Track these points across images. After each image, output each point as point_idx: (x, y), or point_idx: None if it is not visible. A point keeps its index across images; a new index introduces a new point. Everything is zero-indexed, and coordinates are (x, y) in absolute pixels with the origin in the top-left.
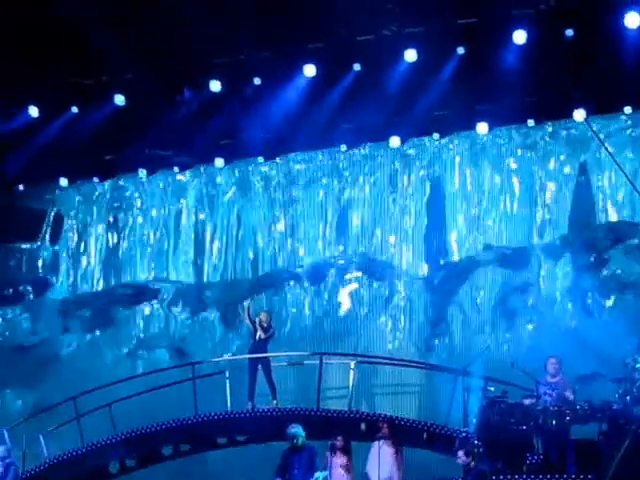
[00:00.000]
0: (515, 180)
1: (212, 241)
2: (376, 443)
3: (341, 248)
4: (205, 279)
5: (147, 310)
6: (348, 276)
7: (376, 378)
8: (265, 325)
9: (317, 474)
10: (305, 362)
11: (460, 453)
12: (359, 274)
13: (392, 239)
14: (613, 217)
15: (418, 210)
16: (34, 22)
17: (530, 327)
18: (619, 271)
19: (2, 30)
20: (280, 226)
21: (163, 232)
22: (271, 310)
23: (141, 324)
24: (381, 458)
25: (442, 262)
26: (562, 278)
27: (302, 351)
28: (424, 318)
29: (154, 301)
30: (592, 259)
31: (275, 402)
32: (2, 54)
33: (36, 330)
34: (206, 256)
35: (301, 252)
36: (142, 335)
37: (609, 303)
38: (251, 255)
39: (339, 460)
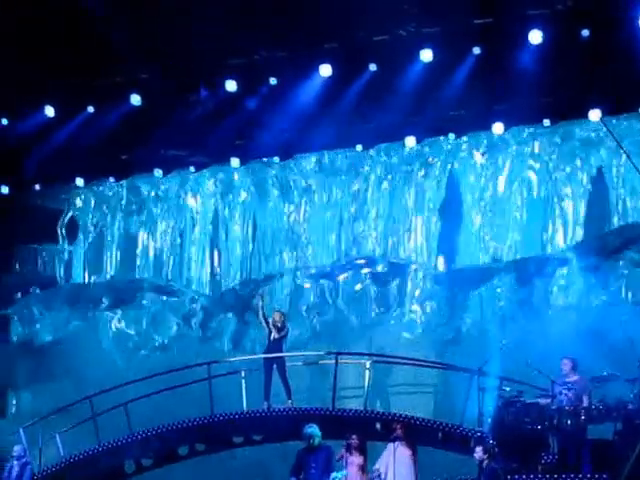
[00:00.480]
0: (531, 179)
1: (227, 240)
2: (390, 445)
3: (355, 249)
4: (220, 278)
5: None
6: (363, 271)
7: (390, 377)
8: (279, 325)
9: (334, 474)
10: (320, 362)
11: (478, 449)
12: (370, 270)
13: (407, 238)
14: (629, 218)
15: (433, 210)
16: (50, 22)
17: (546, 327)
18: (635, 272)
19: (18, 30)
20: (295, 225)
21: (179, 231)
22: (284, 310)
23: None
24: (397, 459)
25: (458, 261)
26: (578, 278)
27: (315, 350)
28: (439, 316)
29: (171, 298)
30: (608, 260)
31: (290, 402)
32: (18, 54)
33: (51, 329)
34: (222, 255)
35: (317, 251)
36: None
37: (625, 302)
38: (266, 254)
39: (355, 459)
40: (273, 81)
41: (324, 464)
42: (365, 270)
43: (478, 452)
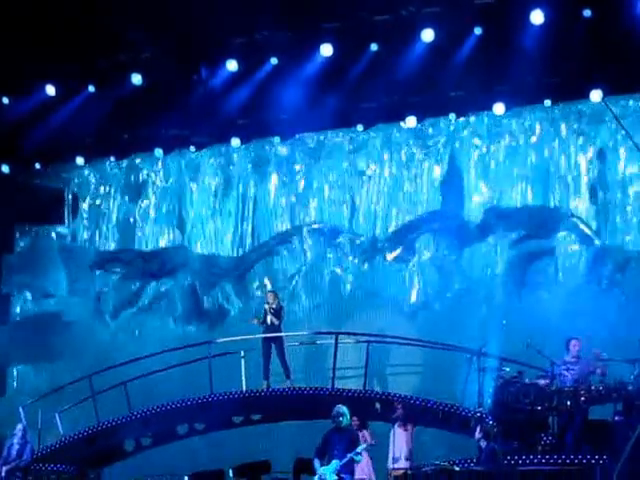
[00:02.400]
0: (532, 160)
1: (228, 219)
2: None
3: (355, 228)
4: (220, 254)
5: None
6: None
7: (389, 358)
8: (275, 307)
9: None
10: (318, 342)
11: (478, 429)
12: (371, 246)
13: (407, 218)
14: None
15: (434, 190)
16: (51, 1)
17: (546, 307)
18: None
19: (19, 9)
20: (295, 205)
21: (179, 211)
22: (276, 289)
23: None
24: (397, 438)
25: (458, 240)
26: (579, 257)
27: (312, 328)
28: (436, 296)
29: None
30: (609, 238)
31: (289, 382)
32: (19, 32)
33: (51, 306)
34: (221, 234)
35: (316, 230)
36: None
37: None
38: (266, 233)
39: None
40: (274, 61)
41: (347, 445)
42: (364, 250)
43: (478, 432)
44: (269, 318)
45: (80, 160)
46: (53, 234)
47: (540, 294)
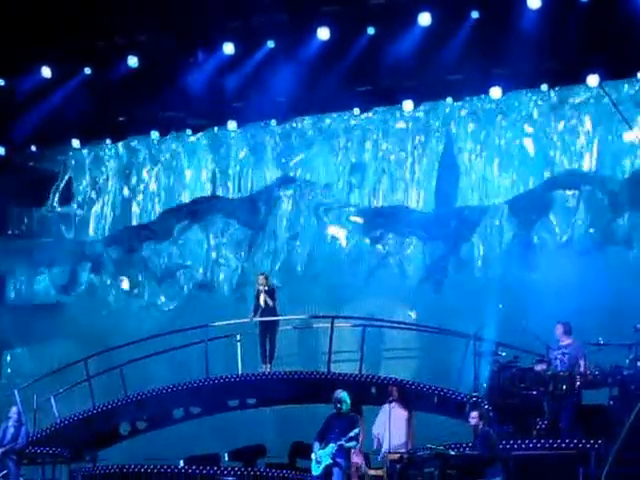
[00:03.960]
0: (528, 144)
1: (224, 202)
2: (386, 406)
3: (352, 209)
4: (216, 238)
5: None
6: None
7: (384, 342)
8: (267, 289)
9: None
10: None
11: (473, 414)
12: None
13: (403, 201)
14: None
15: (430, 173)
16: None
17: (540, 290)
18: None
19: None
20: (292, 188)
21: (175, 193)
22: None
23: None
24: (393, 422)
25: (453, 223)
26: (575, 239)
27: (307, 309)
28: (430, 276)
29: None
30: (605, 218)
31: (268, 367)
32: (15, 14)
33: (45, 289)
34: (218, 215)
35: (312, 212)
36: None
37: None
38: (262, 216)
39: None
40: (271, 44)
41: (346, 428)
42: (361, 230)
43: (474, 417)
44: (262, 298)
45: (76, 142)
46: (49, 216)
47: (538, 277)
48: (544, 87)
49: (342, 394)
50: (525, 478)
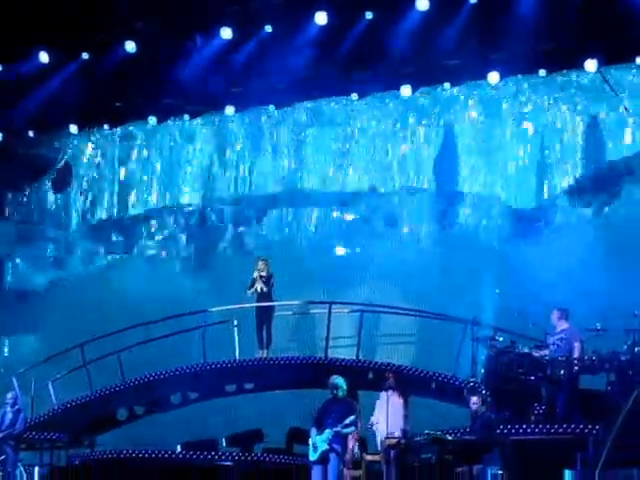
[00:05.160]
0: (526, 128)
1: (222, 188)
2: (384, 393)
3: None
4: (214, 222)
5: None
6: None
7: (382, 327)
8: (265, 275)
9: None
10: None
11: (474, 399)
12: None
13: (400, 186)
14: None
15: (429, 157)
16: None
17: (538, 276)
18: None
19: None
20: (290, 172)
21: (173, 179)
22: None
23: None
24: (390, 408)
25: (451, 207)
26: (574, 224)
27: (304, 295)
28: (430, 265)
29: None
30: (603, 203)
31: (265, 353)
32: (13, 0)
33: (43, 275)
34: (215, 202)
35: (309, 196)
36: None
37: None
38: (260, 200)
39: None
40: (268, 29)
41: (341, 415)
42: (355, 216)
43: (475, 402)
44: (259, 286)
45: (74, 128)
46: (46, 201)
47: (535, 261)
48: (542, 72)
49: (337, 380)
50: (523, 463)
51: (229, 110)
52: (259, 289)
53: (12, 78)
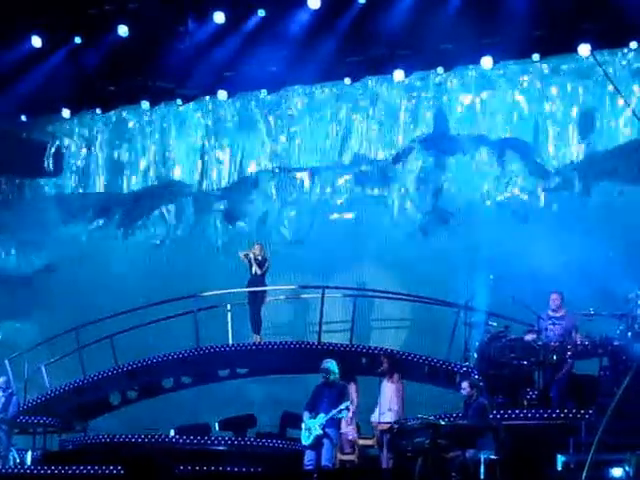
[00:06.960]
0: (519, 114)
1: (214, 172)
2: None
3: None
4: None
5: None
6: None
7: (375, 312)
8: (260, 258)
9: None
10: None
11: (465, 384)
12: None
13: (394, 169)
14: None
15: (420, 142)
16: None
17: (530, 260)
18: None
19: None
20: (282, 157)
21: (165, 164)
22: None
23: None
24: (384, 391)
25: (443, 193)
26: (567, 209)
27: (298, 278)
28: (421, 249)
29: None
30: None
31: (258, 337)
32: None
33: (36, 258)
34: (207, 187)
35: (300, 182)
36: None
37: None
38: (252, 185)
39: None
40: (261, 13)
41: (335, 399)
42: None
43: (465, 388)
44: (254, 268)
45: (66, 112)
46: (39, 186)
47: (527, 246)
48: (535, 57)
49: (328, 364)
50: (515, 448)
51: (222, 94)
52: (253, 272)
53: (4, 62)
